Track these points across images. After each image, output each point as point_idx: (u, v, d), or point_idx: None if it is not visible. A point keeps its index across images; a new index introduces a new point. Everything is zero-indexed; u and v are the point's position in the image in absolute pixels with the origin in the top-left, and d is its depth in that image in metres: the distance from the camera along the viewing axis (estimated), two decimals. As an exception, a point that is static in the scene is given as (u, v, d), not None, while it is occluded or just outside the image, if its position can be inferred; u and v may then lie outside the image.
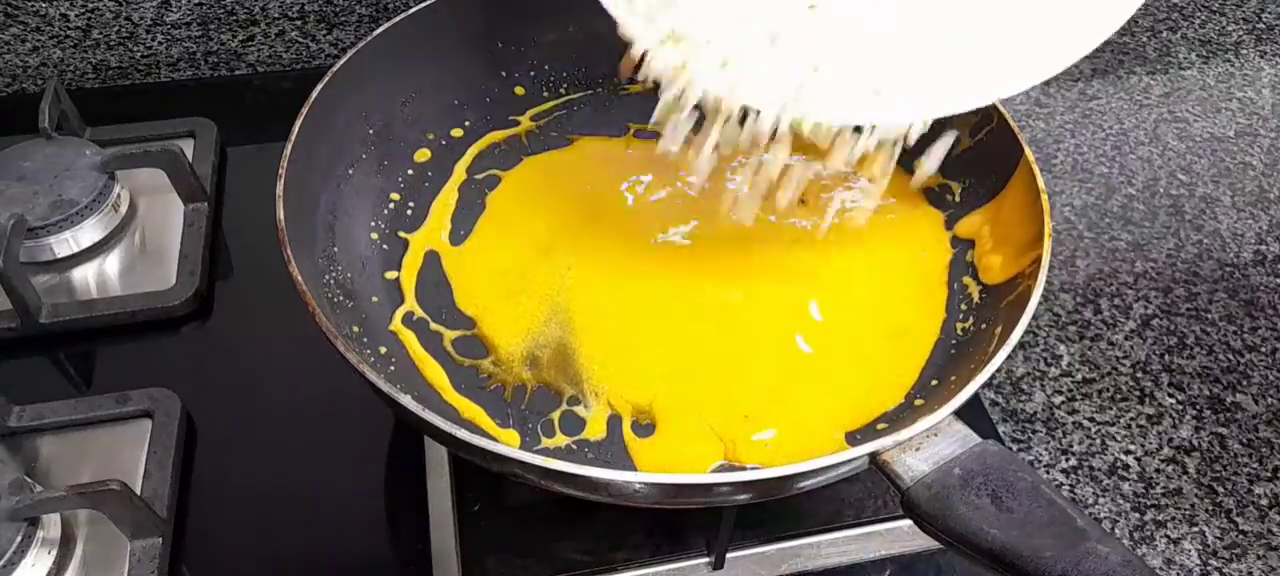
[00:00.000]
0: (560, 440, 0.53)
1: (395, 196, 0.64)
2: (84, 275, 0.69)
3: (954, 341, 0.56)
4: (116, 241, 0.70)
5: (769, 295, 0.59)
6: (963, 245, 0.61)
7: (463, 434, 0.43)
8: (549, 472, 0.42)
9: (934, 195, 0.64)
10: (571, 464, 0.43)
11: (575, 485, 0.44)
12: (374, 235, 0.61)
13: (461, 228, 0.63)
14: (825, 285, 0.60)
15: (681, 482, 0.45)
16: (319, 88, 0.58)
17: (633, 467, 0.52)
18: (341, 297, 0.55)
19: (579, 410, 0.54)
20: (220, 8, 0.84)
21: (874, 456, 0.44)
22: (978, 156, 0.62)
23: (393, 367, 0.54)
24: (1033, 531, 0.39)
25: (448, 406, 0.53)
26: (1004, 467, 0.42)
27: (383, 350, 0.55)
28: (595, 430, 0.53)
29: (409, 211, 0.64)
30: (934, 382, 0.55)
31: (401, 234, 0.62)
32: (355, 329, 0.54)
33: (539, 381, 0.55)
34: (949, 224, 0.62)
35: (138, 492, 0.54)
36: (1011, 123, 0.59)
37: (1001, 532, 0.40)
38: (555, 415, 0.54)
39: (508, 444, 0.46)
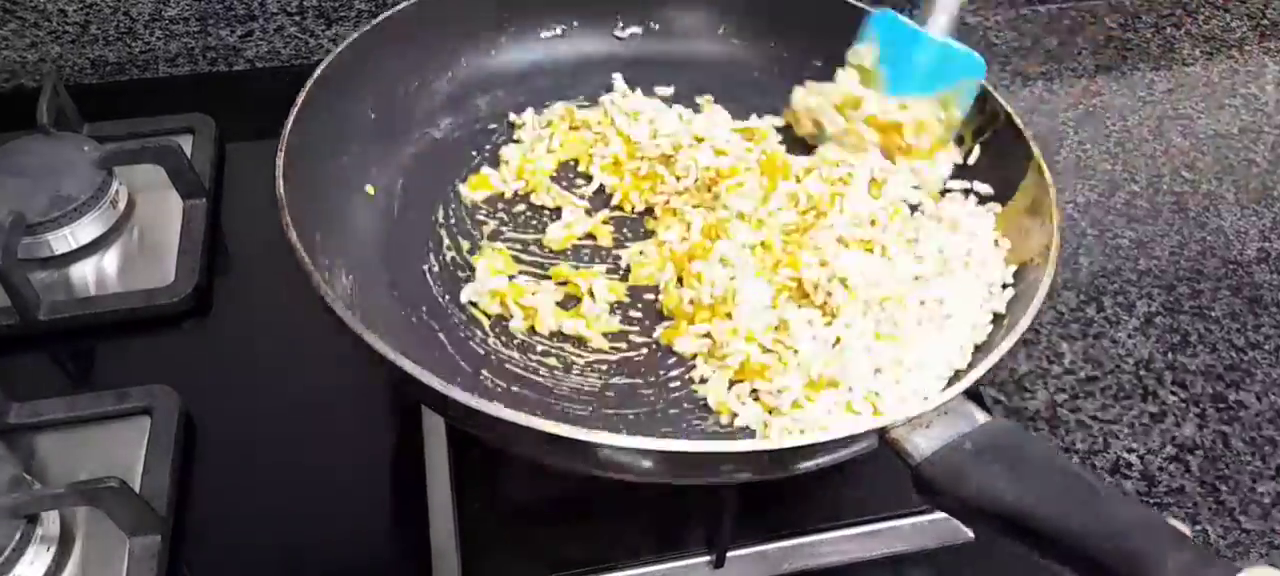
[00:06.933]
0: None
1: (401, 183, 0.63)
2: (82, 271, 0.68)
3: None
4: (115, 238, 0.70)
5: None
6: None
7: (456, 394, 0.42)
8: (541, 436, 0.41)
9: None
10: (566, 426, 0.41)
11: (569, 450, 0.42)
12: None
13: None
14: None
15: (682, 451, 0.43)
16: (312, 80, 0.58)
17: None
18: (345, 283, 0.55)
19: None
20: (218, 3, 0.84)
21: (883, 433, 0.43)
22: (982, 157, 0.62)
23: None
24: (1048, 494, 0.39)
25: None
26: (1016, 440, 0.42)
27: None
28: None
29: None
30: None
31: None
32: (358, 314, 0.53)
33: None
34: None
35: (136, 490, 0.54)
36: (1017, 120, 0.59)
37: (1017, 497, 0.39)
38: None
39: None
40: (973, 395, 0.45)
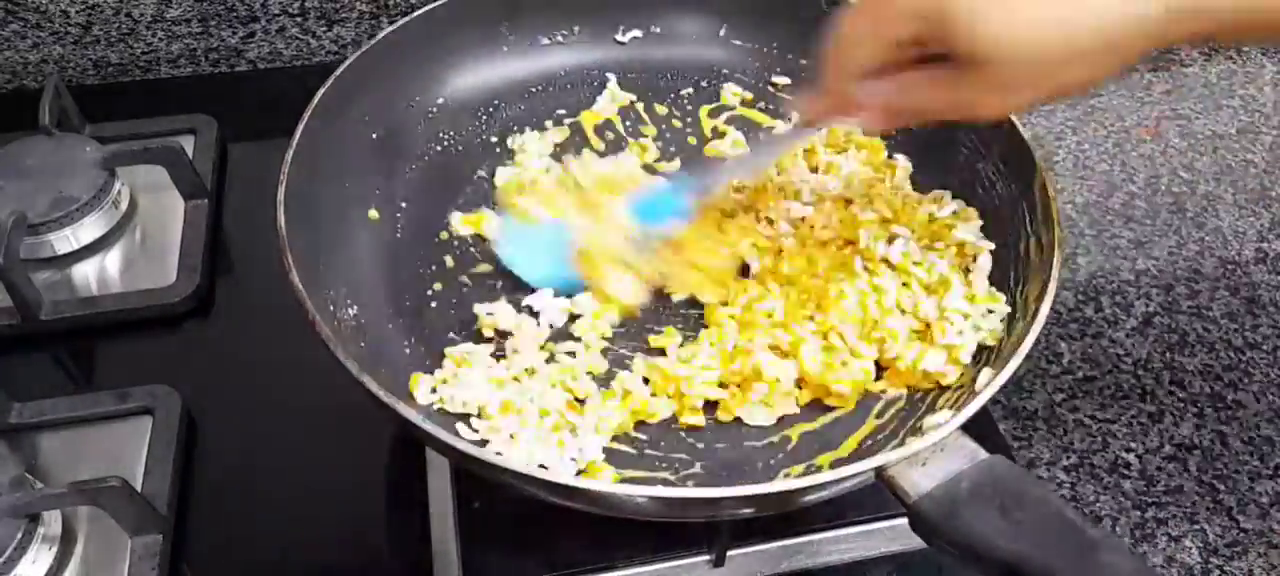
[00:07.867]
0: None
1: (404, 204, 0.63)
2: (84, 272, 0.69)
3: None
4: (117, 238, 0.70)
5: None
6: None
7: (463, 445, 0.43)
8: (550, 486, 0.43)
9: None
10: (572, 478, 0.43)
11: (576, 498, 0.44)
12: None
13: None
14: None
15: (685, 497, 0.45)
16: (321, 92, 0.58)
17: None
18: (350, 315, 0.55)
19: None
20: (221, 4, 0.84)
21: (880, 471, 0.43)
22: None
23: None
24: (1043, 542, 0.39)
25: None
26: (1013, 480, 0.42)
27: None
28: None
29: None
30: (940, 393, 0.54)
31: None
32: (363, 344, 0.53)
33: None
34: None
35: (138, 489, 0.54)
36: (1020, 130, 0.58)
37: (1011, 544, 0.39)
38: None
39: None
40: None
